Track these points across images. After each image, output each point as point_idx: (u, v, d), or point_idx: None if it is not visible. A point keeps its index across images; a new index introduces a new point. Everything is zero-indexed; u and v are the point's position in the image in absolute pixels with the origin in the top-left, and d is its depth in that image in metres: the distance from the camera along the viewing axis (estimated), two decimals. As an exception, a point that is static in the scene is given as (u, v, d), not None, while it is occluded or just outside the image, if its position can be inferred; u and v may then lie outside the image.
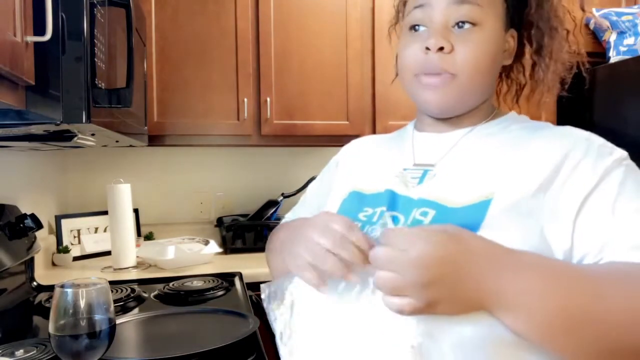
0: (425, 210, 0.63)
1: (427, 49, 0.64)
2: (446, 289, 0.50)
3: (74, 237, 1.92)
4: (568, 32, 0.71)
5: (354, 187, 0.76)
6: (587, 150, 0.59)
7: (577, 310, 0.50)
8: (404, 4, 0.74)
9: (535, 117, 0.74)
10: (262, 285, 0.70)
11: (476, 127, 0.70)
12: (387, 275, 0.51)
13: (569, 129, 0.66)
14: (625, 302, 0.50)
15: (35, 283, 1.47)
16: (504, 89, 0.79)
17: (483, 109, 0.71)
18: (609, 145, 0.61)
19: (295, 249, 0.61)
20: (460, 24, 0.64)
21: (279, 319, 0.66)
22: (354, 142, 0.89)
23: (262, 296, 0.69)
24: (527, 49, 0.72)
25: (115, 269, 1.73)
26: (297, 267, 0.60)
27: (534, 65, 0.72)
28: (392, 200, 0.68)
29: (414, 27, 0.68)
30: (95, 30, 0.92)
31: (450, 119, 0.71)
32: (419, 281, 0.50)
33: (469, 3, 0.64)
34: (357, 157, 0.83)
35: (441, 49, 0.63)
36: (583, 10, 0.69)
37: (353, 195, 0.75)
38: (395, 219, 0.65)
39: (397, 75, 0.75)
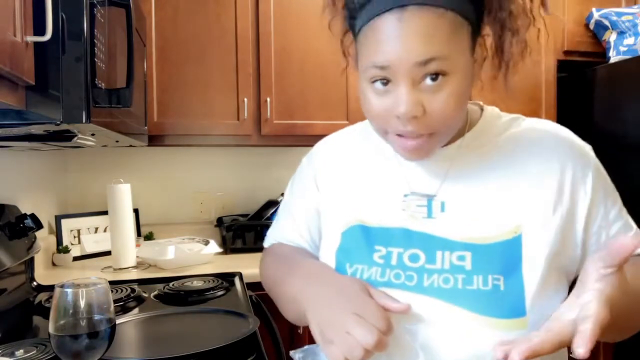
0: (461, 255, 0.63)
1: (399, 117, 0.59)
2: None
3: (74, 237, 1.92)
4: (531, 9, 0.64)
5: (356, 220, 0.72)
6: (575, 160, 0.66)
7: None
8: (350, 18, 0.67)
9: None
10: (291, 352, 0.72)
11: (463, 140, 0.69)
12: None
13: (550, 132, 0.69)
14: None
15: (35, 283, 1.47)
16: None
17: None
18: (580, 142, 0.69)
19: (327, 332, 0.58)
20: (428, 78, 0.57)
21: None
22: (322, 150, 0.83)
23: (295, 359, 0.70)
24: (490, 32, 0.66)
25: (115, 269, 1.73)
26: (329, 354, 0.57)
27: (496, 50, 0.65)
28: (407, 239, 0.67)
29: (374, 82, 0.61)
30: (95, 30, 0.92)
31: None
32: None
33: (435, 59, 0.56)
34: (342, 177, 0.77)
35: (414, 116, 0.58)
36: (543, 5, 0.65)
37: (357, 229, 0.71)
38: (414, 257, 0.66)
39: None
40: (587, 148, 0.69)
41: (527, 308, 0.60)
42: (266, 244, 0.91)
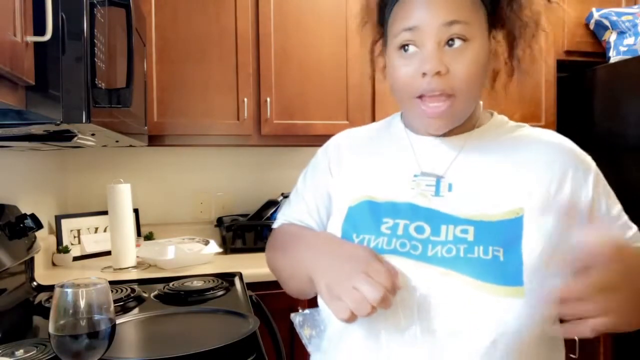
0: (465, 228, 0.67)
1: (424, 73, 0.65)
2: (628, 293, 0.55)
3: (74, 237, 1.92)
4: (539, 20, 0.72)
5: (365, 195, 0.75)
6: (576, 164, 0.70)
7: None
8: (381, 14, 0.75)
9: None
10: (292, 315, 0.75)
11: (471, 135, 0.75)
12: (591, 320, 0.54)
13: (552, 137, 0.74)
14: None
15: (35, 283, 1.47)
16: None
17: (474, 112, 0.75)
18: (583, 152, 0.73)
19: (335, 288, 0.61)
20: (451, 42, 0.65)
21: (312, 342, 0.72)
22: (339, 140, 0.88)
23: (295, 322, 0.73)
24: (502, 39, 0.74)
25: (115, 269, 1.73)
26: (336, 309, 0.60)
27: (508, 56, 0.74)
28: (413, 213, 0.70)
29: (403, 47, 0.68)
30: (95, 30, 0.92)
31: None
32: (613, 301, 0.54)
33: (459, 22, 0.65)
34: (355, 161, 0.82)
35: (438, 72, 0.65)
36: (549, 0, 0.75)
37: (365, 204, 0.74)
38: (420, 229, 0.69)
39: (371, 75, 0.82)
40: (589, 158, 0.73)
41: (525, 279, 0.62)
42: (275, 225, 0.92)
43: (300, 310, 0.78)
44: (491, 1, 0.70)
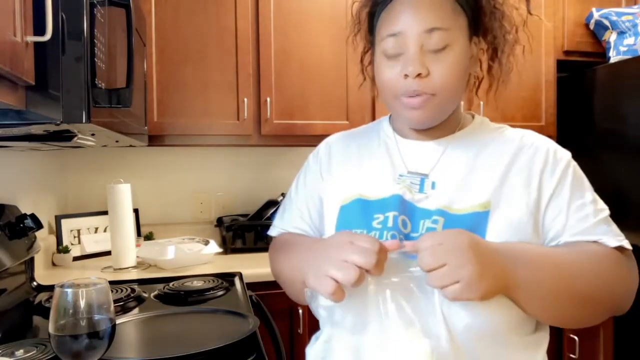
0: (435, 219, 0.72)
1: (406, 75, 0.71)
2: (485, 266, 0.61)
3: (74, 237, 1.93)
4: (517, 29, 0.78)
5: (356, 194, 0.79)
6: (546, 160, 0.74)
7: (561, 285, 0.67)
8: (370, 25, 0.82)
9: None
10: (305, 289, 0.76)
11: (454, 137, 0.80)
12: (437, 269, 0.60)
13: (528, 138, 0.78)
14: (587, 276, 0.68)
15: (35, 283, 1.47)
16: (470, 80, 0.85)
17: (454, 114, 0.80)
18: (559, 150, 0.77)
19: (321, 268, 0.63)
20: (432, 46, 0.70)
21: (322, 314, 0.73)
22: (329, 143, 0.91)
23: (307, 295, 0.74)
24: (484, 47, 0.79)
25: (115, 269, 1.73)
26: (321, 285, 0.62)
27: (489, 64, 0.80)
28: (401, 205, 0.75)
29: (388, 52, 0.74)
30: (95, 30, 0.92)
31: (427, 128, 0.79)
32: (465, 261, 0.60)
33: (439, 29, 0.70)
34: (345, 162, 0.86)
35: (419, 75, 0.70)
36: (529, 12, 0.81)
37: (357, 202, 0.79)
38: (404, 224, 0.74)
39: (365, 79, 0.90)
40: (563, 153, 0.77)
41: None
42: (272, 232, 0.95)
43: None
44: (473, 10, 0.75)
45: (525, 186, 0.73)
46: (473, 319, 0.65)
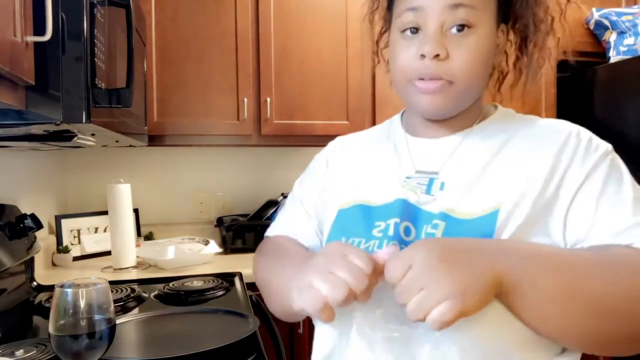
0: (436, 223, 0.63)
1: (423, 55, 0.63)
2: (467, 271, 0.52)
3: (74, 237, 1.92)
4: (553, 19, 0.69)
5: (358, 199, 0.72)
6: (576, 149, 0.63)
7: (567, 290, 0.54)
8: (390, 1, 0.72)
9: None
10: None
11: (472, 130, 0.71)
12: (415, 297, 0.51)
13: (558, 125, 0.68)
14: (602, 280, 0.55)
15: (35, 283, 1.47)
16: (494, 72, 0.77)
17: (474, 108, 0.72)
18: (595, 139, 0.66)
19: (306, 277, 0.55)
20: (455, 27, 0.63)
21: None
22: (336, 143, 0.86)
23: None
24: (512, 39, 0.71)
25: (115, 269, 1.73)
26: (306, 299, 0.54)
27: (517, 56, 0.71)
28: (404, 210, 0.67)
29: (406, 30, 0.66)
30: (95, 30, 0.92)
31: (444, 121, 0.71)
32: (441, 276, 0.50)
33: (464, 6, 0.62)
34: (348, 164, 0.80)
35: (437, 56, 0.62)
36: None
37: (357, 208, 0.71)
38: (407, 231, 0.66)
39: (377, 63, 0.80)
40: (600, 143, 0.66)
41: None
42: (270, 233, 0.88)
43: None
44: None
45: (547, 180, 0.62)
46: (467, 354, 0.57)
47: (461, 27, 0.63)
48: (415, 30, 0.65)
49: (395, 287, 0.53)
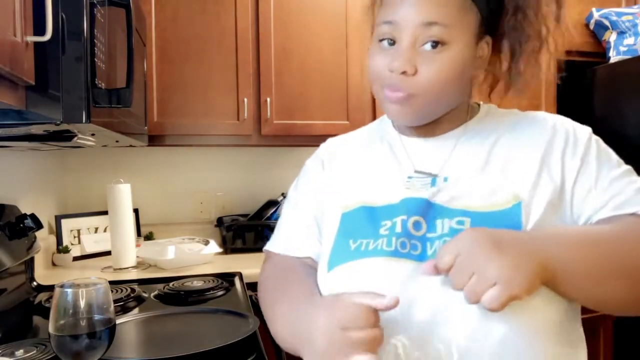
0: (461, 220, 0.65)
1: (391, 70, 0.65)
2: (514, 257, 0.54)
3: (74, 237, 1.92)
4: (548, 31, 0.70)
5: (361, 201, 0.73)
6: (566, 137, 0.69)
7: (604, 262, 0.60)
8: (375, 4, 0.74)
9: None
10: None
11: (465, 130, 0.73)
12: (469, 280, 0.54)
13: (540, 116, 0.73)
14: (623, 249, 0.61)
15: (35, 283, 1.47)
16: (480, 78, 0.76)
17: (458, 111, 0.74)
18: (577, 125, 0.72)
19: (320, 345, 0.56)
20: (429, 43, 0.64)
21: None
22: (332, 145, 0.86)
23: None
24: (504, 50, 0.71)
25: (115, 269, 1.73)
26: None
27: (509, 67, 0.71)
28: (412, 207, 0.68)
29: (383, 40, 0.68)
30: (95, 30, 0.92)
31: (429, 123, 0.73)
32: (490, 260, 0.53)
33: (438, 24, 0.63)
34: (346, 166, 0.80)
35: (404, 72, 0.64)
36: (557, 21, 0.70)
37: (361, 210, 0.72)
38: (417, 225, 0.67)
39: None
40: (582, 129, 0.72)
41: None
42: (271, 248, 0.87)
43: None
44: (491, 6, 0.67)
45: (549, 171, 0.66)
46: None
47: (435, 44, 0.64)
48: (392, 42, 0.67)
49: (449, 276, 0.56)
